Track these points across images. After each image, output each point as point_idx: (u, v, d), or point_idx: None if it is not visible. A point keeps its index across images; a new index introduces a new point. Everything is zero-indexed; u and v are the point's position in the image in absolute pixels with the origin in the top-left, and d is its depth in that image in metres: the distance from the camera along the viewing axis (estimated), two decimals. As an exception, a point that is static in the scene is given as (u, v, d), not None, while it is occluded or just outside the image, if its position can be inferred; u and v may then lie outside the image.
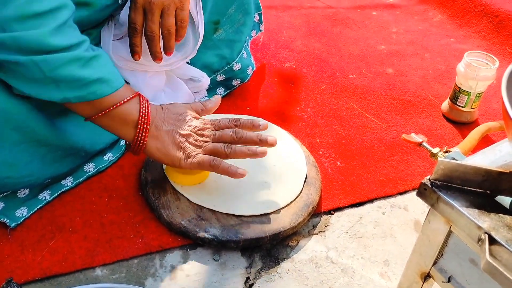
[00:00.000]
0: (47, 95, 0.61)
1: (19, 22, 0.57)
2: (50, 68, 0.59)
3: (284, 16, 1.38)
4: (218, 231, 0.67)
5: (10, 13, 0.56)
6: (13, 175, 0.65)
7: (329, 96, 1.03)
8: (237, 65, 0.96)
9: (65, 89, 0.61)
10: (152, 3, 0.72)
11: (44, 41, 0.58)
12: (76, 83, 0.61)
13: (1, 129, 0.61)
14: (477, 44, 1.28)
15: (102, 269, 0.65)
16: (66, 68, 0.60)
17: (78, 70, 0.61)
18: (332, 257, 0.69)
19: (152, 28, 0.73)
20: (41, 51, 0.58)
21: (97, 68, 0.63)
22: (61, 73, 0.60)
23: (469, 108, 0.95)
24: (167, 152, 0.67)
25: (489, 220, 0.45)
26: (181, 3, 0.74)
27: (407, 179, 0.83)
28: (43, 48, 0.58)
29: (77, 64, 0.61)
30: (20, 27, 0.57)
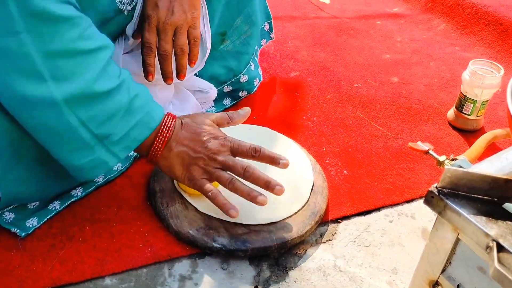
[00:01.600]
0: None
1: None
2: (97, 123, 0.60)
3: (289, 26, 1.39)
4: (226, 240, 0.67)
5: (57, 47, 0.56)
6: (27, 191, 0.66)
7: (334, 105, 1.04)
8: (244, 77, 0.97)
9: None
10: (166, 23, 0.73)
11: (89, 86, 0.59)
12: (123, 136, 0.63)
13: (18, 147, 0.62)
14: (481, 52, 1.29)
15: (111, 278, 0.65)
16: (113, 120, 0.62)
17: (121, 121, 0.63)
18: (340, 265, 0.69)
19: (165, 47, 0.74)
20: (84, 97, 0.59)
21: (136, 110, 0.64)
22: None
23: (474, 116, 0.96)
24: (173, 170, 0.69)
25: (496, 227, 0.45)
26: (193, 22, 0.75)
27: (414, 187, 0.83)
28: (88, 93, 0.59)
29: (120, 114, 0.62)
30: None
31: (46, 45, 0.56)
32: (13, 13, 0.54)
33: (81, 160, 0.62)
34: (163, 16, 0.73)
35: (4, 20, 0.54)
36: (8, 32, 0.54)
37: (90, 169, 0.64)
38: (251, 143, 0.69)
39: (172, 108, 0.87)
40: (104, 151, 0.63)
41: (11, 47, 0.55)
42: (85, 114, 0.60)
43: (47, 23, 0.56)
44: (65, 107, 0.58)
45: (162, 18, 0.73)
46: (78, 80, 0.58)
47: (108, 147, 0.63)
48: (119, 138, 0.63)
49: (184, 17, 0.74)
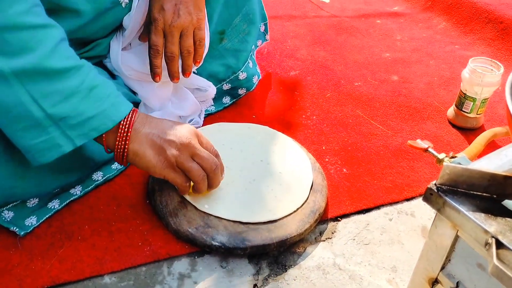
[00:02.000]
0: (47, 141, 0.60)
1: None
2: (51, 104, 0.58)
3: (289, 25, 1.39)
4: (225, 238, 0.67)
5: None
6: (22, 185, 0.66)
7: (334, 103, 1.04)
8: (243, 74, 0.97)
9: (67, 129, 0.60)
10: (172, 26, 0.74)
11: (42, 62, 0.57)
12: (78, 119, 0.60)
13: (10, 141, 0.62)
14: (482, 50, 1.29)
15: (110, 276, 0.65)
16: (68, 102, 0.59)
17: (79, 105, 0.60)
18: (339, 263, 0.69)
19: (171, 49, 0.75)
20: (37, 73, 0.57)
21: (100, 100, 0.62)
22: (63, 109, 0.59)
23: (474, 114, 0.95)
24: (142, 155, 0.65)
25: (496, 224, 0.45)
26: (199, 23, 0.76)
27: (414, 185, 0.83)
28: (41, 69, 0.57)
29: (78, 97, 0.60)
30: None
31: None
32: None
33: (32, 140, 0.59)
34: (169, 19, 0.74)
35: None
36: None
37: (42, 151, 0.60)
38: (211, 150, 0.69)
39: (171, 106, 0.87)
40: (58, 133, 0.60)
41: None
42: (37, 90, 0.57)
43: None
44: (15, 80, 0.56)
45: (169, 21, 0.74)
46: (28, 54, 0.56)
47: (64, 130, 0.60)
48: (77, 123, 0.60)
49: (190, 19, 0.75)
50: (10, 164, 0.63)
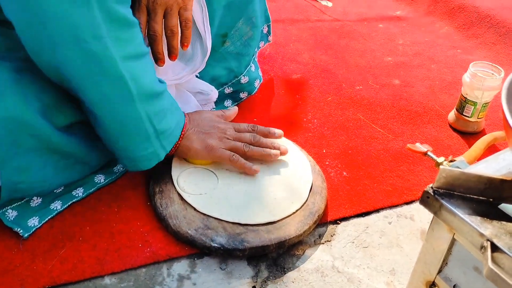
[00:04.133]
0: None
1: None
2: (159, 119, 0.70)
3: (291, 29, 1.40)
4: (224, 240, 0.68)
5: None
6: (26, 180, 0.67)
7: (335, 107, 1.04)
8: (245, 78, 0.98)
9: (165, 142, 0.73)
10: (155, 2, 0.72)
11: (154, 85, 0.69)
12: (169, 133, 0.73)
13: (18, 135, 0.63)
14: (483, 54, 1.29)
15: (110, 278, 0.66)
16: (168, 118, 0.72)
17: (170, 120, 0.73)
18: (338, 266, 0.69)
19: (154, 27, 0.74)
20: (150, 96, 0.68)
21: (178, 109, 0.76)
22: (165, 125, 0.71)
23: (475, 118, 0.95)
24: (190, 146, 0.76)
25: (491, 227, 0.45)
26: (184, 4, 0.75)
27: (414, 189, 0.83)
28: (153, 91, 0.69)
29: (170, 113, 0.72)
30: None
31: (123, 49, 0.62)
32: (97, 18, 0.58)
33: (142, 152, 0.70)
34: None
35: (90, 25, 0.58)
36: (93, 36, 0.59)
37: (147, 161, 0.71)
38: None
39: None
40: (158, 145, 0.71)
41: (96, 51, 0.60)
42: (152, 110, 0.68)
43: (124, 27, 0.62)
44: (139, 102, 0.66)
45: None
46: (145, 79, 0.66)
47: (161, 141, 0.71)
48: (169, 134, 0.72)
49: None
50: (16, 158, 0.64)
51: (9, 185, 0.66)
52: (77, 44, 0.58)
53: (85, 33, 0.58)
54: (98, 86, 0.63)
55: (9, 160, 0.64)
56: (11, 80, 0.63)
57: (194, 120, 0.79)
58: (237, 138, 0.79)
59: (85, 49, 0.59)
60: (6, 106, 0.61)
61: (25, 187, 0.68)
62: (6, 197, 0.67)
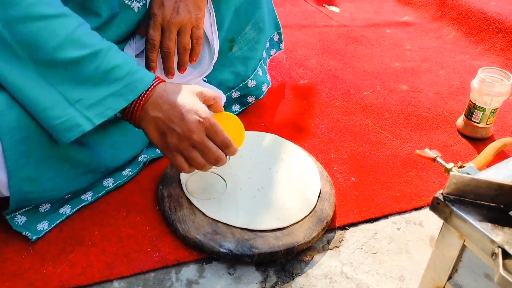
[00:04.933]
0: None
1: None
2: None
3: (299, 34, 1.40)
4: (233, 245, 0.68)
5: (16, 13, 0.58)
6: (36, 190, 0.67)
7: (343, 112, 1.04)
8: (252, 82, 0.98)
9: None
10: (170, 22, 0.76)
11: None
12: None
13: (27, 145, 0.64)
14: (492, 60, 1.28)
15: (119, 282, 0.66)
16: None
17: (93, 88, 0.63)
18: (346, 272, 0.69)
19: (168, 45, 0.77)
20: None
21: (116, 80, 0.64)
22: None
23: (484, 124, 0.95)
24: (148, 133, 0.68)
25: (502, 234, 0.45)
26: (197, 22, 0.78)
27: (422, 194, 0.83)
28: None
29: (92, 82, 0.64)
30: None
31: (5, 12, 0.58)
32: None
33: (55, 121, 0.62)
34: (168, 15, 0.76)
35: None
36: None
37: (65, 131, 0.63)
38: (226, 135, 0.68)
39: None
40: (77, 114, 0.63)
41: None
42: (53, 77, 0.61)
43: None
44: (33, 66, 0.60)
45: (167, 17, 0.76)
46: (43, 44, 0.60)
47: (81, 111, 0.63)
48: (91, 104, 0.63)
49: (189, 17, 0.76)
50: (26, 169, 0.65)
51: (18, 195, 0.66)
52: None
53: None
54: None
55: (18, 170, 0.64)
56: None
57: (163, 102, 0.66)
58: (200, 148, 0.67)
59: None
60: (14, 117, 0.62)
61: (34, 196, 0.68)
62: (15, 206, 0.68)
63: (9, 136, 0.62)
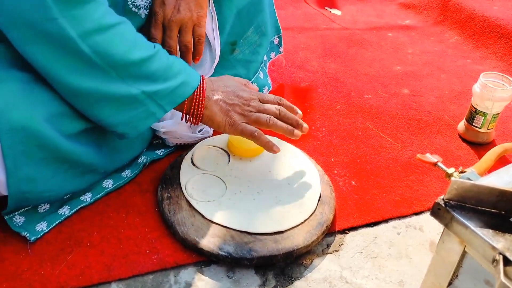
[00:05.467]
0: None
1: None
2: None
3: (300, 37, 1.40)
4: (232, 248, 0.67)
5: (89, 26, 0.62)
6: (34, 190, 0.67)
7: (344, 115, 1.04)
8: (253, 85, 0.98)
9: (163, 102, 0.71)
10: (171, 20, 0.76)
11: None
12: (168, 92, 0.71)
13: (26, 145, 0.63)
14: (493, 65, 1.28)
15: (118, 284, 0.65)
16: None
17: (165, 82, 0.70)
18: (346, 276, 0.69)
19: (170, 43, 0.78)
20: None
21: (179, 73, 0.71)
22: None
23: (485, 129, 0.95)
24: (213, 118, 0.74)
25: (503, 240, 0.45)
26: (199, 20, 0.78)
27: (423, 199, 0.82)
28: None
29: (163, 77, 0.70)
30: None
31: (81, 26, 0.61)
32: (47, 1, 0.59)
33: (132, 111, 0.69)
34: (169, 13, 0.76)
35: (40, 8, 0.59)
36: (46, 19, 0.60)
37: (141, 120, 0.70)
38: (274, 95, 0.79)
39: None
40: (153, 104, 0.69)
41: (53, 32, 0.60)
42: (130, 77, 0.67)
43: (78, 6, 0.61)
44: (113, 72, 0.65)
45: (168, 15, 0.76)
46: (115, 50, 0.64)
47: (157, 101, 0.70)
48: (166, 94, 0.70)
49: (190, 15, 0.77)
50: (24, 168, 0.65)
51: (17, 194, 0.66)
52: (34, 26, 0.60)
53: (37, 16, 0.59)
54: (63, 61, 0.63)
55: (16, 170, 0.64)
56: (19, 90, 0.63)
57: (218, 87, 0.76)
58: (261, 109, 0.76)
59: (42, 31, 0.60)
60: (14, 117, 0.62)
61: (33, 196, 0.68)
62: (13, 206, 0.68)
63: (9, 135, 0.61)
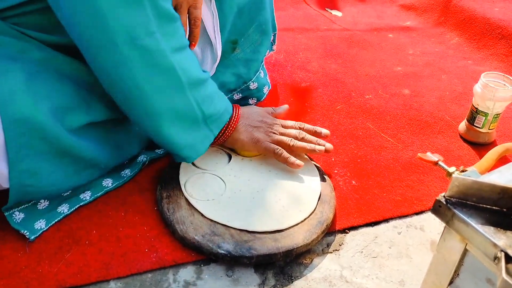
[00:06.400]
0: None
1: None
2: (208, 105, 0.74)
3: (301, 38, 1.40)
4: (231, 247, 0.67)
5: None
6: (35, 184, 0.67)
7: (344, 116, 1.04)
8: (254, 84, 0.98)
9: (213, 127, 0.77)
10: None
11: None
12: (219, 118, 0.77)
13: (28, 137, 0.63)
14: (494, 66, 1.28)
15: (116, 282, 0.65)
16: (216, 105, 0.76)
17: (217, 105, 0.76)
18: (346, 276, 0.68)
19: None
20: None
21: (223, 96, 0.79)
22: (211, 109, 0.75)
23: (486, 129, 0.94)
24: (240, 138, 0.80)
25: (505, 238, 0.44)
26: (195, 2, 0.75)
27: (424, 199, 0.82)
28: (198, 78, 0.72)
29: (216, 99, 0.76)
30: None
31: (170, 41, 0.66)
32: (149, 16, 0.62)
33: (194, 134, 0.74)
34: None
35: (143, 23, 0.62)
36: (146, 33, 0.63)
37: (200, 143, 0.75)
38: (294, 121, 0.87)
39: None
40: (206, 129, 0.75)
41: (150, 46, 0.63)
42: (199, 96, 0.71)
43: (170, 22, 0.66)
44: (188, 90, 0.70)
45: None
46: (191, 67, 0.70)
47: (209, 125, 0.75)
48: (216, 118, 0.76)
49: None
50: (26, 161, 0.64)
51: (18, 187, 0.66)
52: (133, 41, 0.62)
53: (140, 31, 0.62)
54: (152, 79, 0.66)
55: (18, 162, 0.64)
56: (22, 82, 0.63)
57: (245, 113, 0.82)
58: (283, 133, 0.82)
59: (140, 45, 0.63)
60: (16, 108, 0.62)
61: (33, 190, 0.68)
62: (14, 200, 0.67)
63: (13, 127, 0.61)
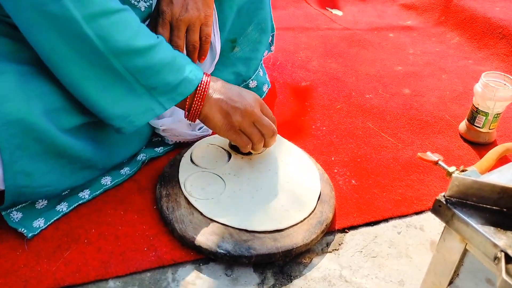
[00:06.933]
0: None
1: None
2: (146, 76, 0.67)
3: (301, 37, 1.40)
4: (231, 246, 0.67)
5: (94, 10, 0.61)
6: (31, 185, 0.67)
7: (344, 115, 1.03)
8: (253, 82, 0.97)
9: (158, 96, 0.69)
10: (179, 19, 0.75)
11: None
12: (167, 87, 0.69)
13: (22, 139, 0.63)
14: (495, 66, 1.28)
15: (115, 281, 0.65)
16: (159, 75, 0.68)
17: (167, 76, 0.68)
18: (345, 276, 0.68)
19: (177, 43, 0.76)
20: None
21: (181, 69, 0.70)
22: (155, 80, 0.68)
23: (487, 129, 0.94)
24: (213, 119, 0.73)
25: (505, 238, 0.44)
26: (206, 20, 0.77)
27: (423, 198, 0.82)
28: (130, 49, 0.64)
29: (166, 70, 0.68)
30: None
31: (86, 8, 0.61)
32: None
33: (130, 104, 0.68)
34: (177, 12, 0.75)
35: None
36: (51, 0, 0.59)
37: (139, 114, 0.69)
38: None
39: (181, 113, 0.87)
40: (151, 99, 0.69)
41: (56, 13, 0.59)
42: (133, 66, 0.65)
43: None
44: (113, 59, 0.63)
45: (176, 14, 0.75)
46: (119, 36, 0.63)
47: (155, 96, 0.69)
48: (166, 90, 0.69)
49: (198, 14, 0.76)
50: (20, 162, 0.64)
51: (13, 189, 0.65)
52: (38, 7, 0.59)
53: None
54: (66, 45, 0.62)
55: (13, 164, 0.64)
56: (15, 83, 0.62)
57: (220, 87, 0.74)
58: (259, 124, 0.74)
59: (45, 11, 0.60)
60: (10, 110, 0.61)
61: (29, 191, 0.67)
62: (10, 201, 0.67)
63: (5, 128, 0.61)
